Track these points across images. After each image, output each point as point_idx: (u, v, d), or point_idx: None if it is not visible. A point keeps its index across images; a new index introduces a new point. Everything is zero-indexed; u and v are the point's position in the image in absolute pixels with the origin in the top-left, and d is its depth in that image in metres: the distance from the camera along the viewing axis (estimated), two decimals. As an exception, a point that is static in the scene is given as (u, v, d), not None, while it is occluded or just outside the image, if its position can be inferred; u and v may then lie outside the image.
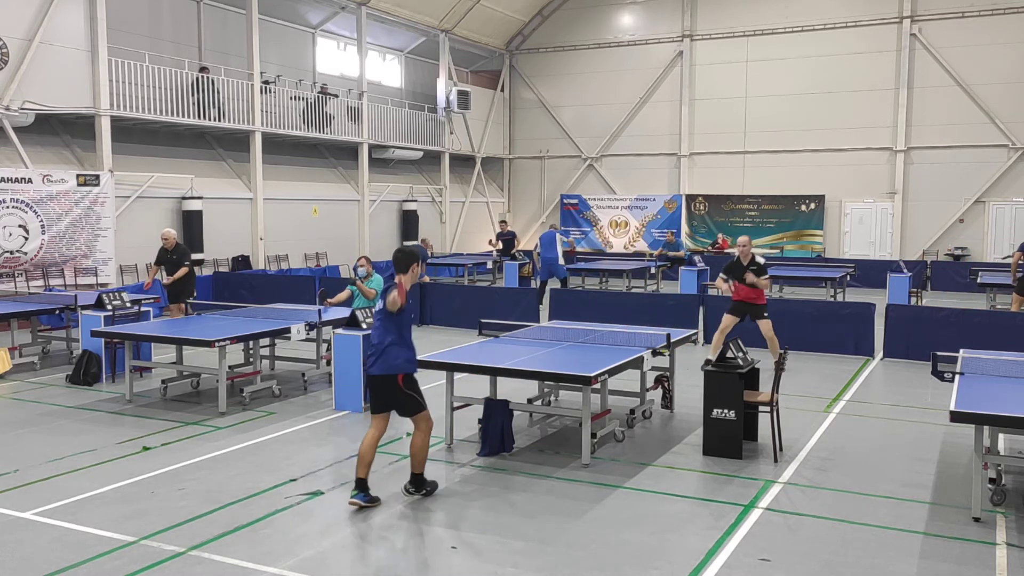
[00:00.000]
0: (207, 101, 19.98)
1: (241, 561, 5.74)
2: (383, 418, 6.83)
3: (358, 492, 6.68)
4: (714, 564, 5.75)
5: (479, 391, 9.25)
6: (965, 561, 5.82)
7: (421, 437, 6.81)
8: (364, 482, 6.70)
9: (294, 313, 11.61)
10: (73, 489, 7.15)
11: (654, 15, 28.94)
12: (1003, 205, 25.05)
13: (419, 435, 6.82)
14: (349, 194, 24.96)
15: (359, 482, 6.69)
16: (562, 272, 19.25)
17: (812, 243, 27.18)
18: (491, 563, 5.75)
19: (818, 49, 26.55)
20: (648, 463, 7.96)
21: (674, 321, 13.43)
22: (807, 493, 7.16)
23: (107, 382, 11.41)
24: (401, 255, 6.74)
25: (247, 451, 8.33)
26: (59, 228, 16.78)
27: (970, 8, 24.79)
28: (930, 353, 8.43)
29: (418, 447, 6.83)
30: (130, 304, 12.11)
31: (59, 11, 16.71)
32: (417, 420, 6.81)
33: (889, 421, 9.53)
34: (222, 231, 20.53)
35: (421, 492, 6.92)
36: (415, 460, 6.88)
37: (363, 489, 6.69)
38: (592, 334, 9.86)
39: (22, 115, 16.27)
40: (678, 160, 28.91)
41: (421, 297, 16.90)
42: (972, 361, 8.16)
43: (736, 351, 8.30)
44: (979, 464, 6.55)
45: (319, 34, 25.79)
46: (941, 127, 25.37)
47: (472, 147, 29.82)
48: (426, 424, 6.83)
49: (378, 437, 6.77)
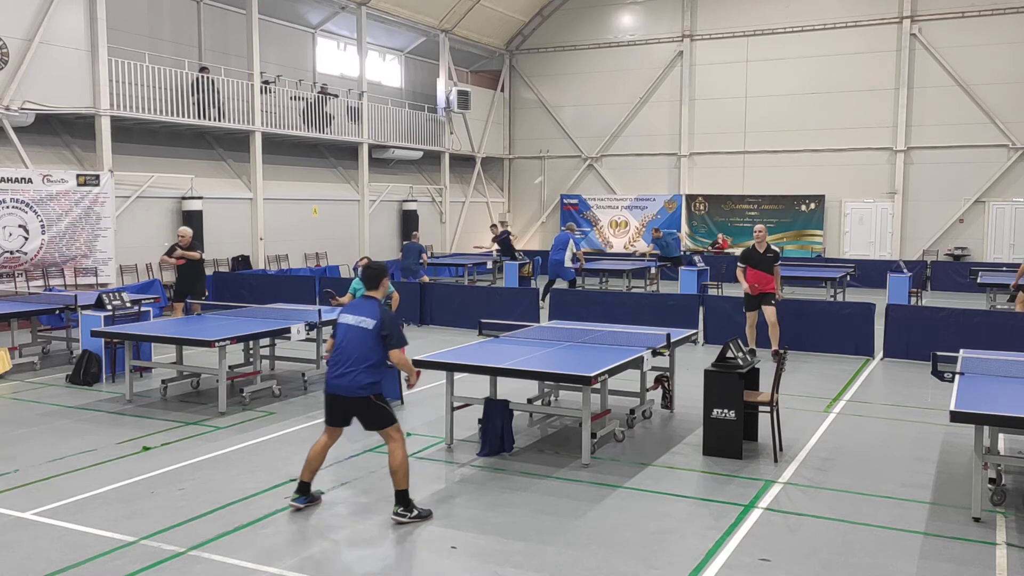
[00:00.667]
0: (207, 101, 19.98)
1: (241, 561, 5.74)
2: (339, 430, 6.76)
3: (299, 496, 6.68)
4: (714, 564, 5.75)
5: (479, 391, 9.24)
6: (965, 561, 5.82)
7: (399, 448, 6.49)
8: (307, 486, 6.70)
9: (294, 313, 11.61)
10: (73, 489, 7.15)
11: (654, 15, 28.95)
12: (1003, 205, 25.05)
13: (397, 447, 6.49)
14: (349, 194, 24.97)
15: (302, 485, 6.69)
16: (568, 275, 19.27)
17: (812, 243, 27.19)
18: (491, 563, 5.75)
19: (818, 49, 26.55)
20: (648, 463, 7.96)
21: (674, 321, 13.44)
22: (807, 493, 7.16)
23: (107, 382, 11.41)
24: (372, 272, 6.83)
25: (247, 451, 8.33)
26: (59, 228, 16.78)
27: (970, 8, 24.79)
28: (930, 353, 8.43)
29: (399, 461, 6.47)
30: (130, 304, 12.12)
31: (59, 11, 16.71)
32: (389, 432, 6.52)
33: (889, 421, 9.52)
34: (222, 231, 20.53)
35: (413, 514, 6.46)
36: (398, 476, 6.47)
37: (304, 492, 6.69)
38: (592, 334, 9.86)
39: (22, 115, 16.27)
40: (678, 160, 28.91)
41: (421, 297, 16.90)
42: (972, 361, 8.16)
43: (736, 351, 8.30)
44: (979, 464, 6.54)
45: (319, 34, 25.79)
46: (941, 127, 25.37)
47: (472, 147, 29.82)
48: (399, 434, 6.55)
49: (330, 444, 6.74)
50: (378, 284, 6.80)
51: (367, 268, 6.92)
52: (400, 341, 6.61)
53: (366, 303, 6.70)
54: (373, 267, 6.91)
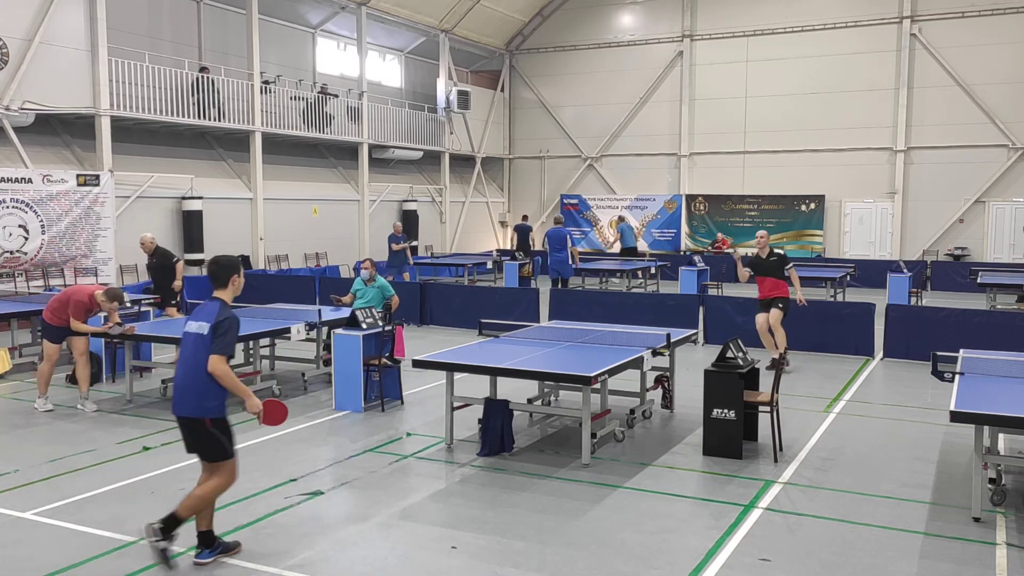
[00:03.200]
0: (207, 101, 19.98)
1: (241, 561, 5.74)
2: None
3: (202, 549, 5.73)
4: (714, 564, 5.75)
5: (479, 391, 9.24)
6: (965, 561, 5.81)
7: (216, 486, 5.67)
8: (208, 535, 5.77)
9: (294, 313, 11.61)
10: (73, 489, 7.15)
11: (654, 15, 28.94)
12: (1003, 205, 25.04)
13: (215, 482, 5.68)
14: (349, 194, 24.96)
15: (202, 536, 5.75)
16: (569, 272, 19.33)
17: (812, 243, 27.18)
18: (491, 563, 5.75)
19: (818, 49, 26.54)
20: (648, 463, 7.96)
21: (674, 321, 13.44)
22: (807, 493, 7.16)
23: (107, 382, 11.42)
24: (218, 267, 5.84)
25: (247, 451, 8.32)
26: (59, 228, 16.78)
27: (970, 8, 24.79)
28: (930, 353, 8.43)
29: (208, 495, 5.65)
30: (130, 304, 12.11)
31: (59, 11, 16.71)
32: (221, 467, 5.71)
33: (889, 421, 9.52)
34: (222, 231, 20.52)
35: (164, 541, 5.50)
36: (202, 513, 5.71)
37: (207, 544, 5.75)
38: (592, 334, 9.86)
39: (22, 115, 16.27)
40: (678, 160, 28.91)
41: (421, 297, 16.91)
42: (972, 361, 8.16)
43: (736, 351, 8.30)
44: (979, 464, 6.54)
45: (319, 34, 25.78)
46: (941, 127, 25.36)
47: (472, 147, 29.82)
48: (229, 478, 5.74)
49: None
50: (227, 281, 5.84)
51: (211, 262, 5.93)
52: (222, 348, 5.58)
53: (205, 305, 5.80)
54: (220, 261, 5.88)
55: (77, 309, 9.75)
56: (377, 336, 10.02)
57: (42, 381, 9.97)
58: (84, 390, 9.98)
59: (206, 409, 5.60)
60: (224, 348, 5.58)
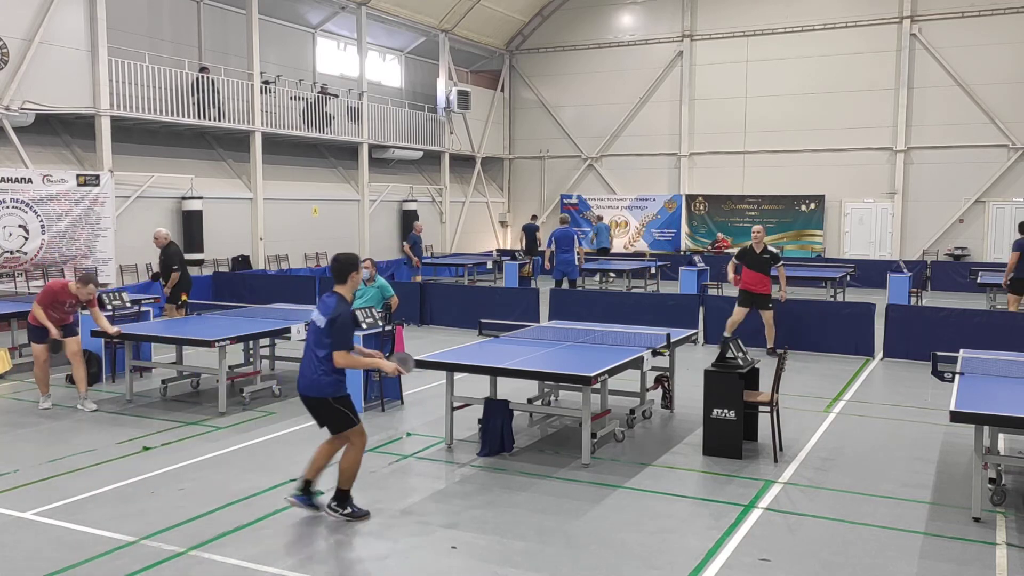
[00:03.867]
0: (207, 101, 19.98)
1: (241, 561, 5.74)
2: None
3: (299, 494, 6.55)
4: (714, 564, 5.75)
5: (479, 391, 9.24)
6: (965, 561, 5.81)
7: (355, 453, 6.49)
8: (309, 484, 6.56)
9: (294, 313, 11.61)
10: (73, 489, 7.15)
11: (654, 15, 28.94)
12: (1003, 205, 25.04)
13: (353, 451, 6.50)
14: (349, 194, 24.97)
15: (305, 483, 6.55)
16: (575, 274, 19.30)
17: (812, 243, 27.18)
18: (491, 563, 5.75)
19: (818, 49, 26.54)
20: (648, 463, 7.96)
21: (674, 321, 13.44)
22: (807, 493, 7.16)
23: (107, 382, 11.42)
24: (339, 265, 6.44)
25: (247, 451, 8.33)
26: (59, 228, 16.77)
27: (970, 8, 24.79)
28: (930, 353, 8.43)
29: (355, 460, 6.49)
30: (130, 304, 12.12)
31: (59, 11, 16.71)
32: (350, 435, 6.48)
33: (889, 421, 9.52)
34: (222, 231, 20.53)
35: (346, 511, 6.46)
36: (344, 475, 6.49)
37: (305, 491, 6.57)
38: (592, 334, 9.86)
39: (22, 115, 16.27)
40: (678, 160, 28.91)
41: (421, 297, 16.91)
42: (972, 361, 8.16)
43: (736, 351, 8.30)
44: (979, 464, 6.54)
45: (319, 34, 25.78)
46: (941, 127, 25.36)
47: (472, 147, 29.82)
48: (360, 439, 6.52)
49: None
50: (346, 278, 6.42)
51: (332, 260, 6.56)
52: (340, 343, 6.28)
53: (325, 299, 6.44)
54: (341, 259, 6.49)
55: (44, 296, 9.91)
56: (377, 336, 10.02)
57: (39, 382, 10.02)
58: (82, 390, 9.99)
59: (326, 391, 6.33)
60: (342, 344, 6.28)
